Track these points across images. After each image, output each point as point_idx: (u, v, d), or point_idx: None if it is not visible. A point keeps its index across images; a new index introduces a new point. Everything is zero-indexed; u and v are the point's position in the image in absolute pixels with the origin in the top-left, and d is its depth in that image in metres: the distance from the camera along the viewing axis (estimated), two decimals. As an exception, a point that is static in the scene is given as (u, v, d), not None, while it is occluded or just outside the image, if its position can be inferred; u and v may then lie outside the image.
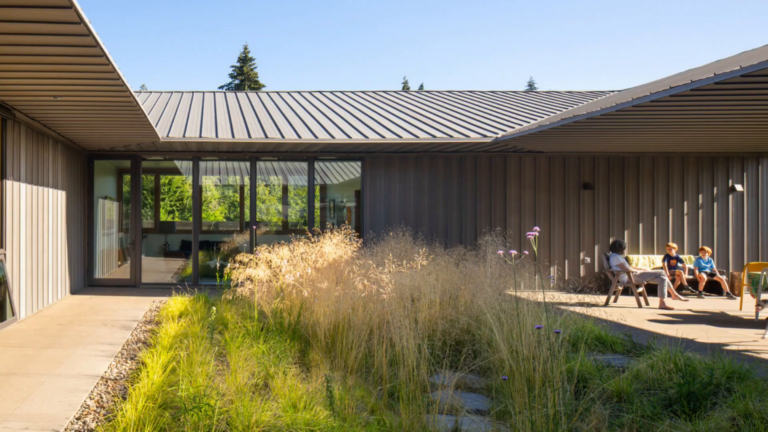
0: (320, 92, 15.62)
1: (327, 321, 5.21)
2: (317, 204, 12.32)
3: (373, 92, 15.81)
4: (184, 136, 9.43)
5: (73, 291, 9.40)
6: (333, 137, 9.70)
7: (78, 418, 3.67)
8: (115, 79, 5.30)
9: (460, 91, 15.71)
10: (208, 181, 20.26)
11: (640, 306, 8.52)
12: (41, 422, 3.55)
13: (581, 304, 8.39)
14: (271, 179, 17.29)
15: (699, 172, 10.58)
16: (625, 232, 10.54)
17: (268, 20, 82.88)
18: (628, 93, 8.52)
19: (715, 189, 10.58)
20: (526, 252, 4.22)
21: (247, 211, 13.10)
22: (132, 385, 4.08)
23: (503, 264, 6.33)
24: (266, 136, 9.65)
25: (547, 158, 10.53)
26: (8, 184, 6.62)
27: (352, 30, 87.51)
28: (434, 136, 9.62)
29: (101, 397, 4.08)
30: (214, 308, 5.75)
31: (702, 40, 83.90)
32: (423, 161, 10.56)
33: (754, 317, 7.60)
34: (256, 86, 46.16)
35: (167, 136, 9.30)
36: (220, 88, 46.68)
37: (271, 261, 6.51)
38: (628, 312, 7.98)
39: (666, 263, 9.74)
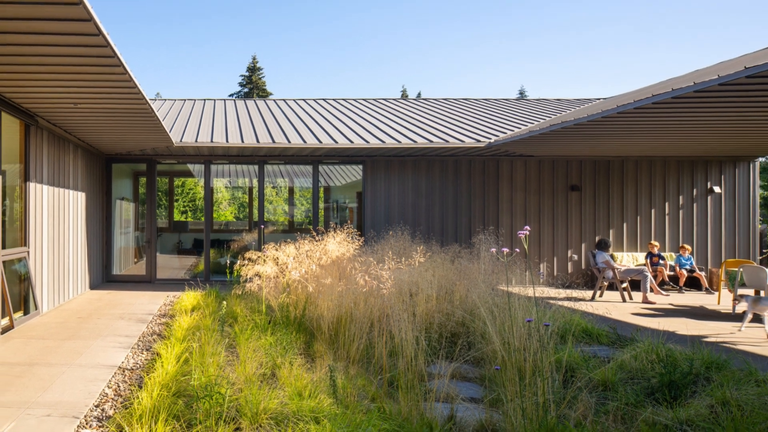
0: (324, 100, 15.61)
1: (330, 314, 5.21)
2: (321, 205, 12.32)
3: (374, 100, 15.80)
4: (196, 141, 9.42)
5: (92, 286, 9.40)
6: (336, 142, 9.69)
7: (97, 406, 3.67)
8: (131, 88, 5.30)
9: (455, 99, 15.70)
10: (219, 183, 20.25)
11: (624, 300, 8.52)
12: (62, 409, 3.55)
13: (569, 299, 8.39)
14: (278, 181, 17.28)
15: (680, 174, 10.58)
16: (610, 231, 10.54)
17: (276, 32, 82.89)
18: (613, 101, 8.51)
19: (694, 191, 10.58)
20: (518, 250, 4.22)
21: (255, 212, 13.10)
22: (147, 375, 4.08)
23: (496, 261, 6.33)
24: (273, 141, 9.65)
25: (537, 162, 10.53)
26: (31, 186, 6.62)
27: (354, 41, 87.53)
28: (431, 141, 9.61)
29: (119, 386, 4.08)
30: (224, 302, 5.76)
31: (683, 50, 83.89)
32: (421, 164, 10.55)
33: (731, 311, 7.60)
34: (264, 94, 46.12)
35: (180, 141, 9.30)
36: (230, 96, 46.65)
37: (278, 258, 6.51)
38: (613, 306, 7.98)
39: (648, 260, 9.74)
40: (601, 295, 8.96)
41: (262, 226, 10.69)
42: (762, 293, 7.16)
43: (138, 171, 12.88)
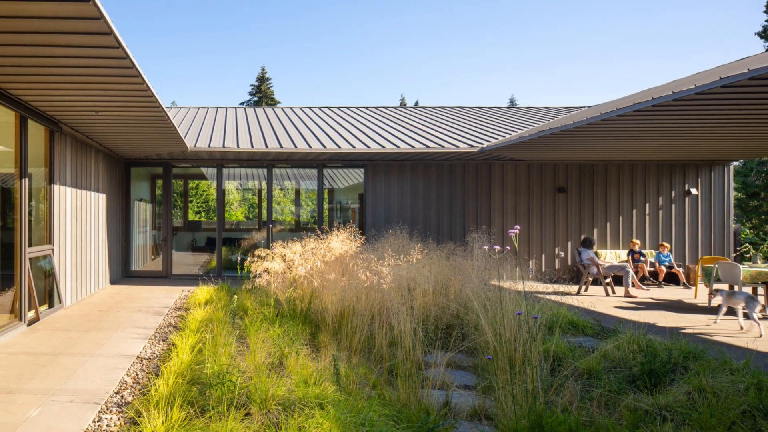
0: (328, 107, 15.61)
1: (334, 308, 5.21)
2: (325, 205, 12.30)
3: (375, 107, 15.80)
4: (209, 146, 9.42)
5: (113, 281, 9.40)
6: (339, 147, 9.69)
7: (117, 393, 3.67)
8: (149, 96, 5.29)
9: (450, 107, 15.70)
10: (230, 186, 20.25)
11: (607, 294, 8.51)
12: (85, 396, 3.55)
13: (556, 293, 8.39)
14: (285, 183, 17.26)
15: (659, 177, 10.58)
16: (595, 230, 10.54)
17: (283, 44, 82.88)
18: (597, 108, 8.51)
19: (673, 192, 10.58)
20: (508, 247, 4.22)
21: (264, 212, 13.10)
22: (164, 364, 4.08)
23: (488, 258, 6.33)
24: (281, 146, 9.64)
25: (527, 165, 10.53)
26: (56, 188, 6.62)
27: (356, 53, 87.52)
28: (428, 146, 9.61)
29: (137, 374, 4.08)
30: (235, 296, 5.76)
31: (664, 61, 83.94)
32: (418, 168, 10.55)
33: (707, 304, 7.60)
34: (272, 102, 46.06)
35: (195, 146, 9.30)
36: (240, 104, 46.58)
37: (285, 255, 6.51)
38: (597, 300, 7.98)
39: (630, 257, 9.73)
40: (586, 290, 8.96)
41: (271, 226, 10.68)
42: (736, 288, 7.16)
43: (155, 174, 12.87)
